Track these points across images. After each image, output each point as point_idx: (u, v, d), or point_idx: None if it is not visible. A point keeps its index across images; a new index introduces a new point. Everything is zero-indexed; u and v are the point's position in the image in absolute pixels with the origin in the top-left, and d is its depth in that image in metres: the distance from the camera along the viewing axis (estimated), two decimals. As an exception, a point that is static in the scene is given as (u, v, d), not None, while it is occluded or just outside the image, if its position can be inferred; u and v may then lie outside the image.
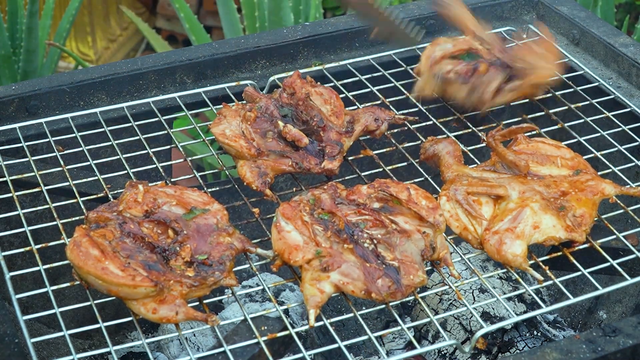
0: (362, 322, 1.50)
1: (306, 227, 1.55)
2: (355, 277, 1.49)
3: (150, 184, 1.67)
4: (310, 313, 1.46)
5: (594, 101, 2.05)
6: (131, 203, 1.60)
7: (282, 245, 1.54)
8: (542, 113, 2.03)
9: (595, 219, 1.74)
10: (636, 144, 1.94)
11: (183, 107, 2.04)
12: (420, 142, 1.93)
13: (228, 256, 1.54)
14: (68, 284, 1.56)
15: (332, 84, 2.06)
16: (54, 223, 1.67)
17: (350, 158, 1.86)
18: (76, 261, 1.46)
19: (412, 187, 1.64)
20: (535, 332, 1.97)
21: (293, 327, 1.50)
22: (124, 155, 1.86)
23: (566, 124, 1.97)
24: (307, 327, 1.47)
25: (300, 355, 1.45)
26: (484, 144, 1.87)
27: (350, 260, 1.51)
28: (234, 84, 2.11)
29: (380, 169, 1.85)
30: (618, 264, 1.62)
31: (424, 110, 2.01)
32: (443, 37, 2.09)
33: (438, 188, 1.78)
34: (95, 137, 1.95)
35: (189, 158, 1.86)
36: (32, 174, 1.80)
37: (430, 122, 1.98)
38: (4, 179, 1.80)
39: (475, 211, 1.63)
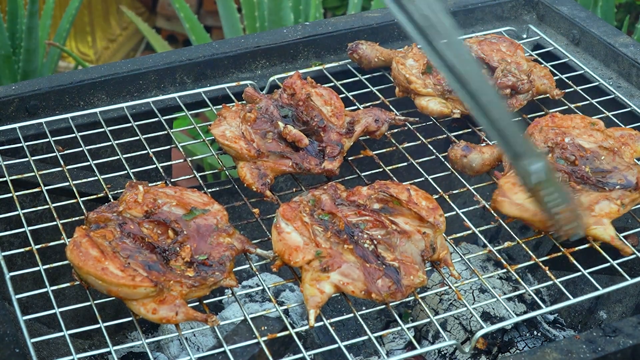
0: (362, 322, 1.50)
1: (306, 227, 1.55)
2: (355, 277, 1.49)
3: (150, 185, 1.67)
4: (310, 313, 1.46)
5: (594, 101, 2.04)
6: (131, 203, 1.60)
7: (282, 246, 1.54)
8: (542, 113, 2.02)
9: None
10: (636, 144, 1.94)
11: (183, 107, 2.04)
12: (420, 142, 1.93)
13: (228, 256, 1.54)
14: (68, 284, 1.56)
15: (332, 84, 2.06)
16: (54, 223, 1.67)
17: (350, 158, 1.86)
18: (76, 261, 1.46)
19: (412, 188, 1.64)
20: (535, 332, 1.97)
21: (293, 327, 1.50)
22: (124, 155, 1.86)
23: (566, 124, 1.97)
24: (307, 327, 1.47)
25: (300, 355, 1.45)
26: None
27: (350, 260, 1.51)
28: (234, 84, 2.11)
29: (381, 169, 1.85)
30: (618, 264, 1.62)
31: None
32: (398, 56, 2.02)
33: (438, 188, 1.78)
34: (95, 137, 1.95)
35: (189, 158, 1.86)
36: (32, 174, 1.80)
37: (431, 122, 1.98)
38: (4, 179, 1.80)
39: None
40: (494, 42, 2.04)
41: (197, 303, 1.54)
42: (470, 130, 1.97)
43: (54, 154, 1.87)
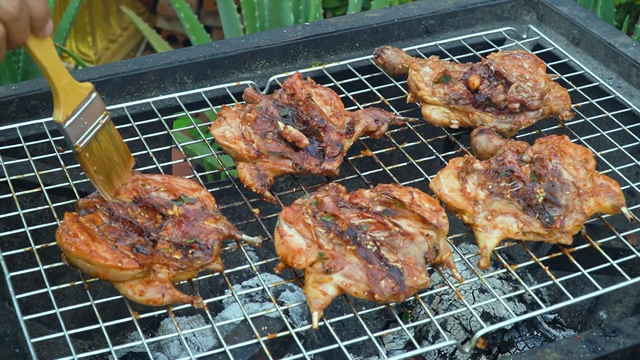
0: (362, 322, 1.50)
1: (308, 229, 1.55)
2: (358, 278, 1.49)
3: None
4: (313, 315, 1.46)
5: (594, 101, 2.04)
6: (121, 189, 1.63)
7: (285, 249, 1.54)
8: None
9: (596, 219, 1.74)
10: (636, 143, 1.94)
11: (183, 107, 2.04)
12: (420, 142, 1.93)
13: (215, 240, 1.56)
14: (68, 284, 1.56)
15: (332, 84, 2.06)
16: (54, 223, 1.67)
17: (350, 158, 1.86)
18: (65, 246, 1.48)
19: (415, 191, 1.64)
20: (535, 332, 1.97)
21: (293, 327, 1.50)
22: (124, 155, 1.86)
23: (566, 124, 1.97)
24: (307, 327, 1.47)
25: (300, 355, 1.45)
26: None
27: (353, 261, 1.51)
28: (234, 84, 2.11)
29: (381, 169, 1.85)
30: (618, 264, 1.62)
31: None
32: (416, 63, 2.02)
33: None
34: (96, 137, 1.94)
35: (189, 158, 1.86)
36: (32, 174, 1.80)
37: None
38: (4, 179, 1.80)
39: None
40: (517, 58, 2.00)
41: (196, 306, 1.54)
42: (470, 131, 1.96)
43: (54, 154, 1.87)
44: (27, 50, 1.48)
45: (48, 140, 1.90)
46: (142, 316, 1.49)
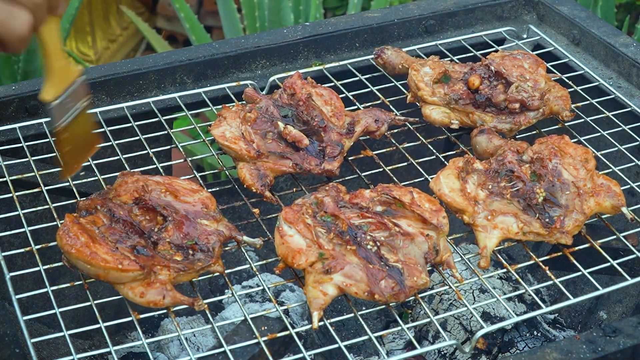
0: (362, 322, 1.50)
1: (309, 229, 1.55)
2: (358, 278, 1.49)
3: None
4: (313, 315, 1.47)
5: (594, 101, 2.04)
6: (121, 190, 1.63)
7: (285, 249, 1.54)
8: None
9: (596, 219, 1.74)
10: (636, 143, 1.94)
11: (183, 107, 2.04)
12: (420, 142, 1.93)
13: (216, 242, 1.56)
14: (68, 284, 1.56)
15: (332, 84, 2.06)
16: (54, 223, 1.67)
17: (350, 158, 1.86)
18: (65, 247, 1.48)
19: (415, 191, 1.64)
20: (535, 332, 1.97)
21: (293, 327, 1.50)
22: (124, 156, 1.86)
23: (566, 124, 1.97)
24: (307, 327, 1.47)
25: (300, 355, 1.45)
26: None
27: (353, 261, 1.51)
28: (234, 84, 2.11)
29: (381, 169, 1.85)
30: (618, 264, 1.62)
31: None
32: (416, 63, 2.02)
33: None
34: (95, 137, 1.94)
35: (189, 158, 1.86)
36: (32, 174, 1.80)
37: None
38: (4, 179, 1.80)
39: None
40: (517, 58, 1.99)
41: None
42: (469, 131, 1.96)
43: (54, 154, 1.86)
44: None
45: (48, 140, 1.90)
46: (142, 316, 1.49)
